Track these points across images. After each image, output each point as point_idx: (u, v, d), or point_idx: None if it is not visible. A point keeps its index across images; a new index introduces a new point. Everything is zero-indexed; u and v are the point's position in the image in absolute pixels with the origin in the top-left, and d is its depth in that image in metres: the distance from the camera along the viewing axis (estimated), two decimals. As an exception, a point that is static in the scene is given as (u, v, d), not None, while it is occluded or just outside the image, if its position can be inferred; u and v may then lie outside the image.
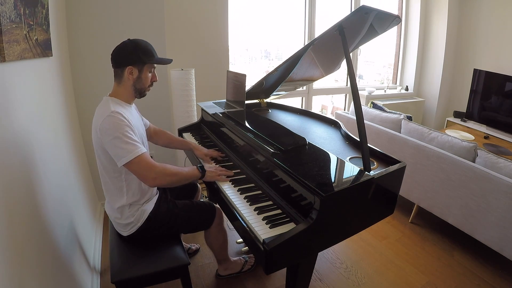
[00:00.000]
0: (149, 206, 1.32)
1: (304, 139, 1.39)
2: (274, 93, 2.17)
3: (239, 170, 1.49)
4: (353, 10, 3.32)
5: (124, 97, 1.27)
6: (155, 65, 1.29)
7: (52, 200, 1.29)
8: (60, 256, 1.24)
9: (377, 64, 4.44)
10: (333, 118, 1.89)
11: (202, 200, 1.57)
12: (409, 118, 2.47)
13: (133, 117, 1.28)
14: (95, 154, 1.25)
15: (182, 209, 1.39)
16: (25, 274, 0.88)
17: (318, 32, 3.32)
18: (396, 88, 4.21)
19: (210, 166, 1.43)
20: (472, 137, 3.25)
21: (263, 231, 1.05)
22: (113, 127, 1.13)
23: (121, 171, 1.22)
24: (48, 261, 1.10)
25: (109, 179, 1.25)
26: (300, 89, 3.33)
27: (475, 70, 3.53)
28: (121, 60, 1.22)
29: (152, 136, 1.63)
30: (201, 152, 1.64)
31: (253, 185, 1.37)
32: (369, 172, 1.16)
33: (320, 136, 1.65)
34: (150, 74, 1.28)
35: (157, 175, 1.17)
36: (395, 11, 4.01)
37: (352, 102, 1.32)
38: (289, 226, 1.07)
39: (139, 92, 1.29)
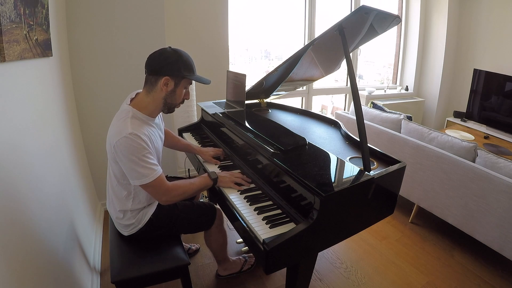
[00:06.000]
0: (151, 209, 1.31)
1: (304, 139, 1.39)
2: (274, 93, 2.17)
3: (239, 170, 1.49)
4: (353, 10, 3.32)
5: (150, 110, 1.18)
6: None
7: (52, 200, 1.29)
8: (60, 256, 1.23)
9: (377, 64, 4.44)
10: (333, 118, 1.89)
11: (202, 200, 1.57)
12: (409, 118, 2.47)
13: (153, 132, 1.22)
14: (108, 160, 1.21)
15: (183, 210, 1.38)
16: (25, 274, 0.89)
17: (318, 32, 3.32)
18: (396, 88, 4.21)
19: (225, 172, 1.38)
20: (472, 137, 3.25)
21: (263, 231, 1.05)
22: (128, 150, 1.07)
23: None
24: (48, 261, 1.10)
25: (118, 185, 1.22)
26: (300, 89, 3.33)
27: (475, 70, 3.53)
28: (159, 68, 1.12)
29: None
30: (207, 156, 1.60)
31: (253, 185, 1.37)
32: (369, 172, 1.16)
33: (320, 136, 1.65)
34: (184, 90, 1.20)
35: (169, 198, 1.19)
36: (395, 11, 4.01)
37: (352, 102, 1.32)
38: (289, 226, 1.07)
39: (168, 107, 1.21)
